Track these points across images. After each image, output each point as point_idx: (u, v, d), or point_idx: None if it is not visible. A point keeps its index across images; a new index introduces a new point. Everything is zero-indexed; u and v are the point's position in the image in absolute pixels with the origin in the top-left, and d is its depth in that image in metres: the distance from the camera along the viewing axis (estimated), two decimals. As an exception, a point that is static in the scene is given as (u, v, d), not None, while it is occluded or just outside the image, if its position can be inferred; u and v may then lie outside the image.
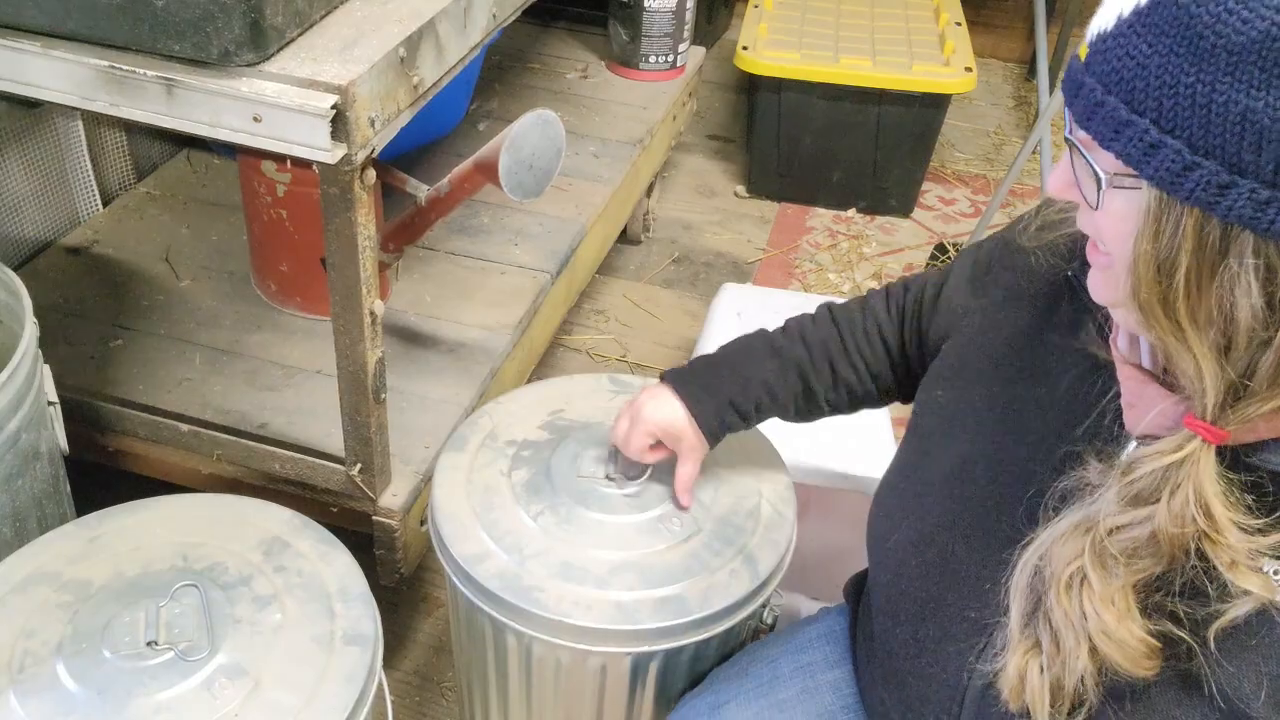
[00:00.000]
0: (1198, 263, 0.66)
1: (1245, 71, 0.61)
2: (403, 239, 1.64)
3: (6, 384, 1.19)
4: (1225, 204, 0.64)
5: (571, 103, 2.50)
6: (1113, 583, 0.72)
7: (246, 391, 1.64)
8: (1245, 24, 0.61)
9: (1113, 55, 0.67)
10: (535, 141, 1.46)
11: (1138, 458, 0.72)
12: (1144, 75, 0.65)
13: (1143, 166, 0.66)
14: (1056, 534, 0.76)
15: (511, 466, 1.27)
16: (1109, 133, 0.67)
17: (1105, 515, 0.72)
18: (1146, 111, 0.65)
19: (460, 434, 1.32)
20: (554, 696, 1.27)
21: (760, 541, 1.21)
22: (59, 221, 1.97)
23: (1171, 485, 0.69)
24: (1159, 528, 0.70)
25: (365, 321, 1.28)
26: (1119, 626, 0.72)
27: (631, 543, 1.19)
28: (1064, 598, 0.74)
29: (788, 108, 2.77)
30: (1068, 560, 0.74)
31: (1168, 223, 0.66)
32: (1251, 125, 0.62)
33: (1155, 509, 0.70)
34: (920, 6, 3.06)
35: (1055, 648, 0.75)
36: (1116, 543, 0.71)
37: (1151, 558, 0.71)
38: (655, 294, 2.61)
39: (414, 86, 1.22)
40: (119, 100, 1.13)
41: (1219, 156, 0.63)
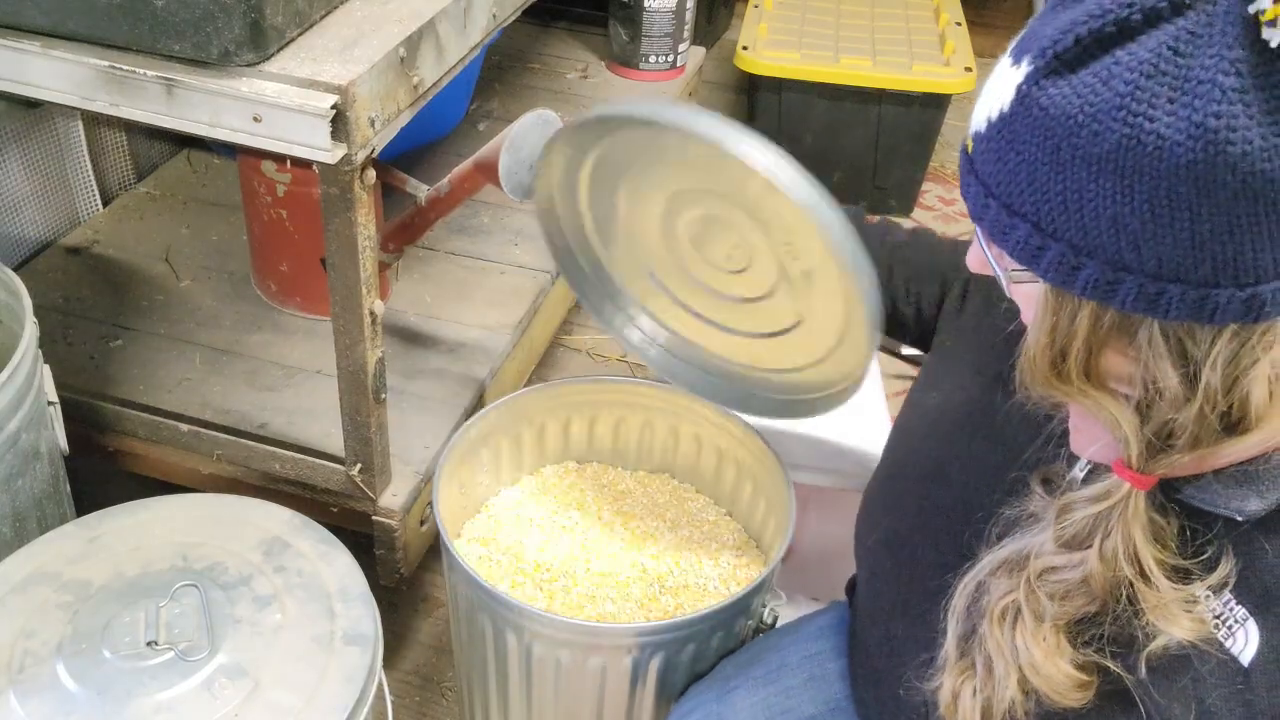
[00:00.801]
0: (1089, 345, 0.68)
1: (1106, 179, 0.62)
2: (403, 239, 1.64)
3: (6, 384, 1.19)
4: (1119, 298, 0.65)
5: (571, 103, 2.50)
6: (1043, 621, 0.74)
7: (246, 391, 1.64)
8: (1097, 136, 0.61)
9: (989, 158, 0.67)
10: (535, 141, 1.46)
11: (1072, 501, 0.73)
12: (1017, 181, 0.66)
13: (1033, 265, 0.67)
14: (995, 562, 0.78)
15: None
16: (998, 233, 0.68)
17: (1039, 555, 0.74)
18: (1026, 215, 0.66)
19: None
20: (554, 696, 1.27)
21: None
22: (59, 221, 1.97)
23: (1103, 531, 0.71)
24: (1091, 572, 0.71)
25: (365, 321, 1.28)
26: (1046, 662, 0.73)
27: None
28: (996, 628, 0.76)
29: (788, 108, 2.77)
30: (1003, 593, 0.75)
31: (1064, 312, 0.68)
32: (1124, 228, 0.63)
33: (1088, 554, 0.71)
34: (920, 6, 3.06)
35: (988, 673, 0.77)
36: (1049, 584, 0.73)
37: (1084, 599, 0.73)
38: (655, 294, 2.61)
39: (414, 86, 1.22)
40: (119, 100, 1.13)
41: (1101, 256, 0.64)
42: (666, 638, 1.21)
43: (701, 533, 1.49)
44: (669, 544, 1.46)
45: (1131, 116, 0.60)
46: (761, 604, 1.32)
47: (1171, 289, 0.64)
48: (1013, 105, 0.65)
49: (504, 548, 1.42)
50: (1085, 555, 0.71)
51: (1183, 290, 0.64)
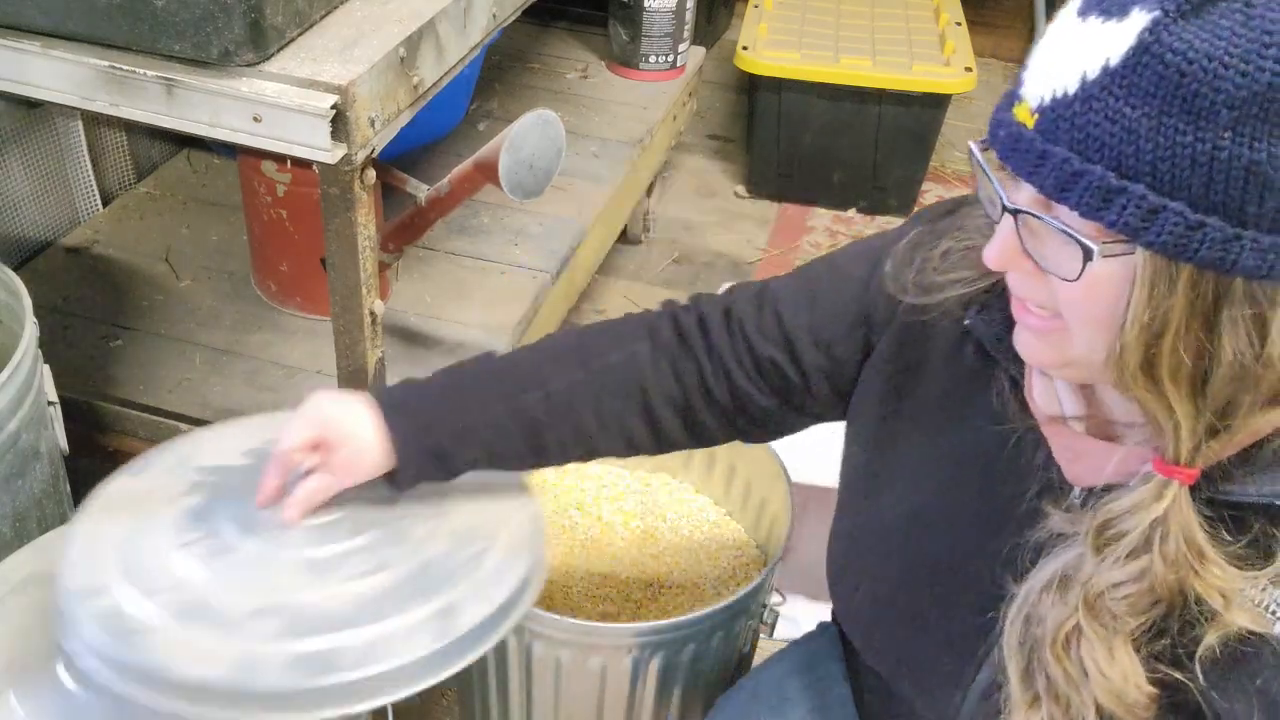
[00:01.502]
0: (1187, 320, 0.65)
1: (1248, 125, 0.60)
2: (403, 239, 1.64)
3: (6, 384, 1.19)
4: (1230, 258, 0.63)
5: (571, 103, 2.50)
6: (1114, 638, 0.72)
7: (246, 391, 1.64)
8: (1244, 77, 0.59)
9: (1086, 120, 0.64)
10: (535, 141, 1.46)
11: (1114, 514, 0.71)
12: (1133, 139, 0.62)
13: (1141, 233, 0.63)
14: (1037, 586, 0.75)
15: (187, 491, 1.02)
16: (1097, 203, 0.64)
17: (1094, 574, 0.71)
18: (1140, 176, 0.63)
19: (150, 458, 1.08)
20: (554, 696, 1.27)
21: (466, 595, 0.92)
22: (59, 221, 1.97)
23: (1160, 534, 0.69)
24: (1156, 578, 0.69)
25: (365, 321, 1.28)
26: (1125, 684, 0.71)
27: (293, 583, 0.93)
28: (1062, 657, 0.73)
29: (788, 108, 2.77)
30: (1060, 620, 0.73)
31: (1161, 286, 0.65)
32: (1256, 177, 0.61)
33: (1149, 560, 0.69)
34: (920, 6, 3.06)
35: (1057, 704, 0.75)
36: (1114, 601, 0.71)
37: (1150, 608, 0.71)
38: (655, 294, 2.61)
39: (414, 86, 1.22)
40: (119, 100, 1.13)
41: (1222, 213, 0.62)
42: (666, 638, 1.21)
43: (701, 533, 1.49)
44: (669, 544, 1.46)
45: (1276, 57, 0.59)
46: (761, 604, 1.32)
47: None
48: (1130, 56, 0.62)
49: (504, 548, 1.42)
50: (1147, 562, 0.69)
51: None
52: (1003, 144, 0.69)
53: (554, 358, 0.98)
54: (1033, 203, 0.68)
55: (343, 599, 0.90)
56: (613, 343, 0.98)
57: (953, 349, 0.88)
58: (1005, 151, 0.68)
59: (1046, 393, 0.80)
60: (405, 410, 0.94)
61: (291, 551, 0.94)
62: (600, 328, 1.01)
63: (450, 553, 0.95)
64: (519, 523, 1.00)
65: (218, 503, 0.99)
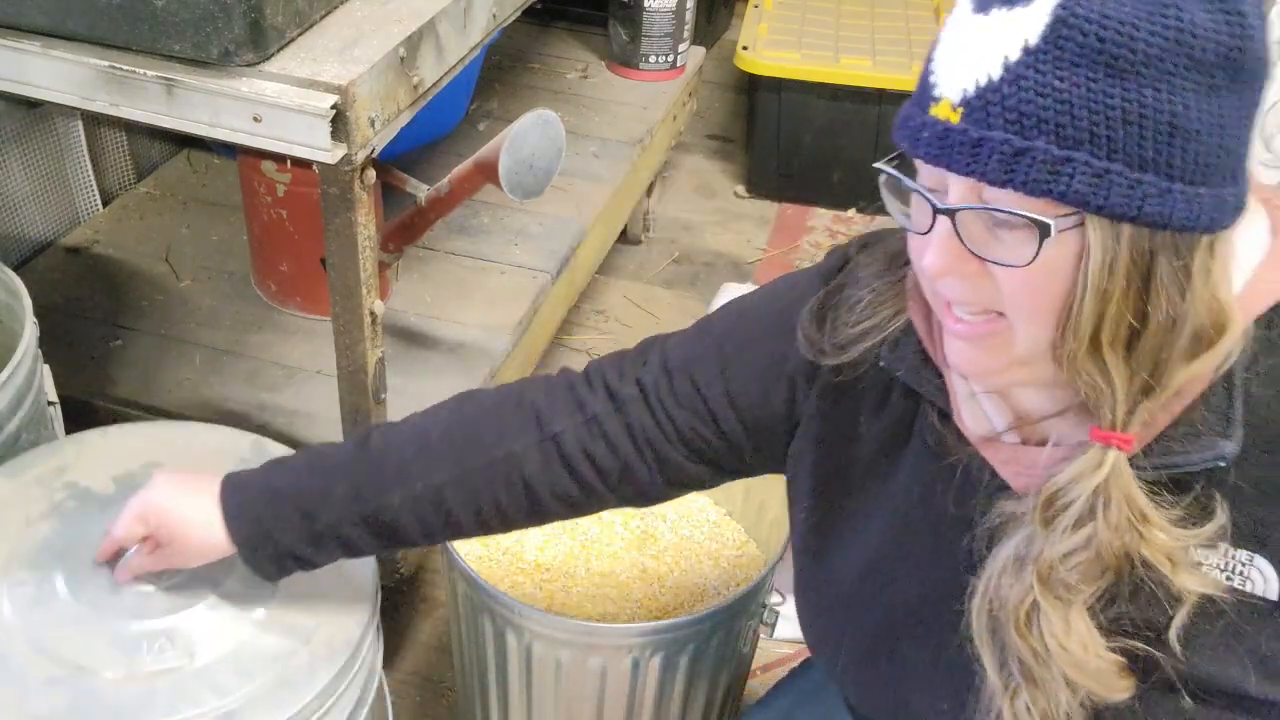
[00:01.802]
0: (1130, 282, 0.67)
1: (1165, 80, 0.63)
2: (403, 239, 1.64)
3: (6, 384, 1.19)
4: (1166, 212, 0.65)
5: (571, 103, 2.50)
6: (1069, 610, 0.72)
7: (246, 391, 1.64)
8: (1154, 35, 0.62)
9: (1018, 100, 0.65)
10: (535, 141, 1.46)
11: (1058, 486, 0.72)
12: (1067, 109, 0.64)
13: (1091, 200, 0.65)
14: (995, 572, 0.76)
15: (45, 513, 1.03)
16: (1044, 177, 0.65)
17: (1044, 547, 0.72)
18: (1081, 144, 0.64)
19: (25, 460, 1.10)
20: (554, 696, 1.27)
21: (256, 698, 0.92)
22: (59, 221, 1.97)
23: (1103, 501, 0.70)
24: (1102, 544, 0.71)
25: (365, 321, 1.28)
26: (1085, 654, 0.72)
27: (95, 655, 0.93)
28: (1025, 634, 0.74)
29: (788, 108, 2.77)
30: (1019, 599, 0.74)
31: (1110, 251, 0.66)
32: (1178, 130, 0.64)
33: (1094, 527, 0.70)
34: (920, 6, 3.06)
35: (1033, 683, 0.75)
36: (1067, 571, 0.72)
37: (1100, 575, 0.72)
38: (655, 294, 2.61)
39: (414, 86, 1.22)
40: (119, 100, 1.13)
41: (1154, 168, 0.64)
42: (666, 638, 1.21)
43: (701, 533, 1.49)
44: (669, 544, 1.46)
45: (1177, 12, 0.62)
46: (761, 604, 1.32)
47: (1204, 194, 0.65)
48: (1048, 32, 0.64)
49: (503, 548, 1.42)
50: (1092, 530, 0.70)
51: (1211, 194, 0.66)
52: (929, 144, 0.69)
53: (423, 451, 0.95)
54: (966, 198, 0.69)
55: (138, 682, 0.92)
56: (495, 436, 0.95)
57: (879, 399, 0.88)
58: (934, 151, 0.68)
59: (975, 414, 0.80)
60: (249, 516, 0.93)
61: (109, 621, 0.96)
62: (482, 411, 0.98)
63: (258, 645, 0.97)
64: (340, 625, 1.00)
65: (62, 539, 1.02)
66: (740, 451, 0.95)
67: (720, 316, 0.97)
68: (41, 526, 1.04)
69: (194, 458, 1.15)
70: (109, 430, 1.16)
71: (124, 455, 1.13)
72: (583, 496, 0.97)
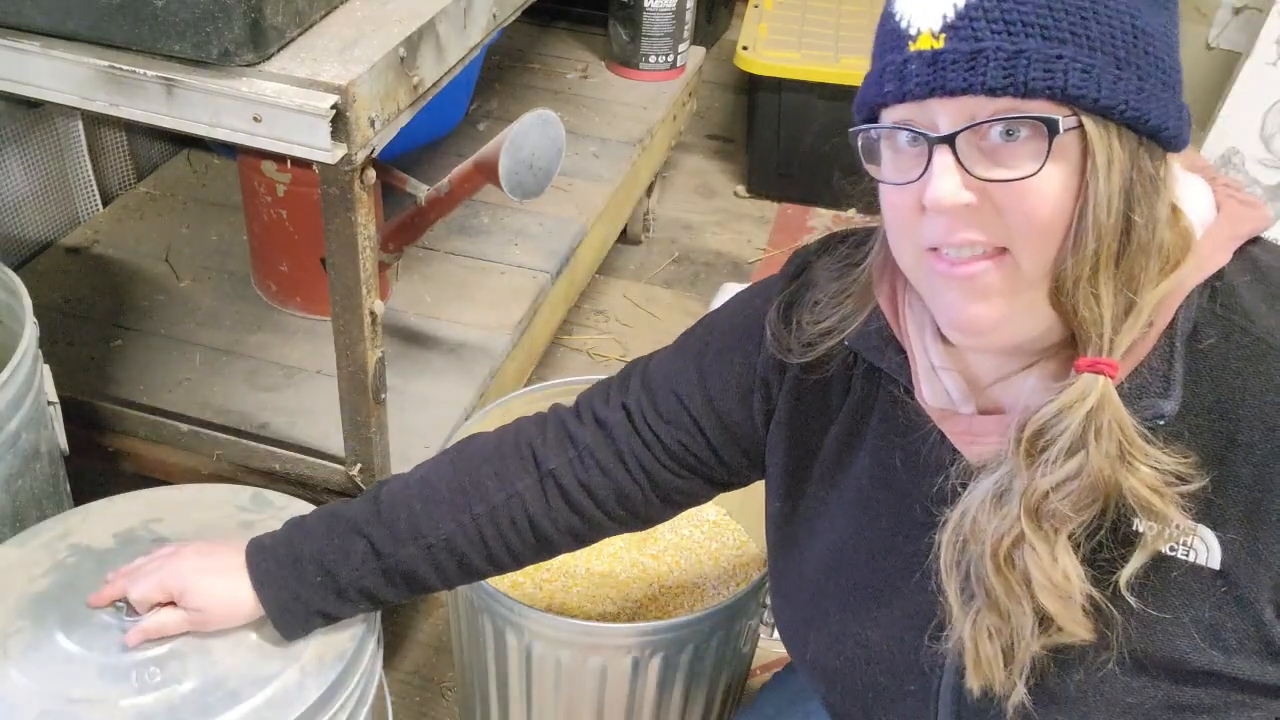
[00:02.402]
0: (1120, 188, 0.69)
1: None
2: (403, 239, 1.64)
3: (6, 384, 1.19)
4: (1145, 114, 0.68)
5: (571, 103, 2.50)
6: (1056, 540, 0.73)
7: (246, 391, 1.64)
8: None
9: (1001, 8, 0.67)
10: (535, 141, 1.46)
11: (1043, 421, 0.72)
12: (1047, 10, 0.67)
13: (1085, 94, 0.67)
14: (972, 507, 0.76)
15: (45, 571, 1.06)
16: (1041, 74, 0.67)
17: (1032, 481, 0.73)
18: (1066, 41, 0.67)
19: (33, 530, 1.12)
20: (554, 696, 1.27)
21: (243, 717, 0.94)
22: (59, 221, 1.97)
23: (1094, 428, 0.71)
24: (1093, 471, 0.71)
25: (365, 321, 1.28)
26: (1069, 584, 0.73)
27: (86, 687, 0.95)
28: (1004, 568, 0.75)
29: (788, 108, 2.77)
30: (1001, 533, 0.74)
31: (1107, 152, 0.68)
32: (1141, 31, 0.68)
33: (1085, 455, 0.71)
34: (920, 6, 3.06)
35: (999, 617, 0.76)
36: (1059, 501, 0.72)
37: (1091, 504, 0.73)
38: (655, 294, 2.61)
39: (414, 86, 1.22)
40: (119, 100, 1.13)
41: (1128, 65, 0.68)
42: (666, 638, 1.21)
43: (701, 533, 1.49)
44: (669, 544, 1.46)
45: None
46: (761, 604, 1.32)
47: (1167, 100, 0.69)
48: None
49: (504, 548, 1.42)
50: (1084, 458, 0.71)
51: (1173, 103, 0.70)
52: (918, 76, 0.69)
53: (431, 504, 0.99)
54: (960, 124, 0.69)
55: (127, 711, 0.93)
56: (496, 481, 1.00)
57: (843, 389, 0.90)
58: (925, 78, 0.69)
59: (935, 388, 0.82)
60: (277, 582, 0.97)
61: (98, 655, 0.97)
62: (482, 457, 1.02)
63: (248, 667, 0.97)
64: (333, 640, 1.01)
65: (58, 588, 1.04)
66: (727, 460, 0.99)
67: (697, 331, 1.01)
68: (41, 582, 1.05)
69: (195, 512, 1.15)
70: (115, 499, 1.18)
71: (126, 516, 1.14)
72: (585, 528, 1.02)
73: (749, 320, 0.96)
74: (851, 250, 0.89)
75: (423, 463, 1.05)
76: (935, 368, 0.82)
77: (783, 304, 0.92)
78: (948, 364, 0.81)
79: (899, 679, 0.88)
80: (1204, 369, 0.74)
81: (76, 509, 1.17)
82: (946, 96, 0.68)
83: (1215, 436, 0.74)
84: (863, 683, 0.91)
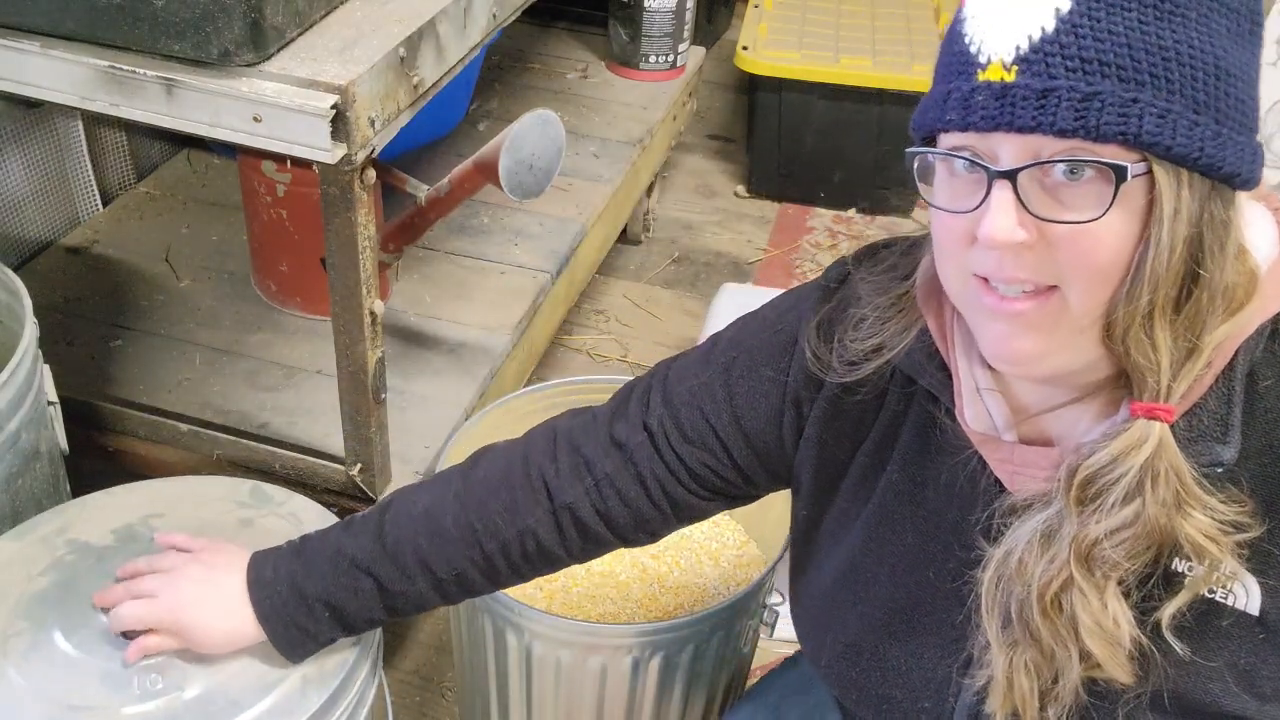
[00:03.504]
0: (1188, 235, 0.66)
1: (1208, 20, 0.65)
2: (403, 239, 1.64)
3: (6, 384, 1.19)
4: (1219, 159, 0.65)
5: (571, 103, 2.50)
6: (1105, 589, 0.72)
7: (246, 391, 1.64)
8: None
9: (1077, 48, 0.64)
10: (535, 141, 1.46)
11: (1096, 467, 0.70)
12: (1126, 50, 0.64)
13: (1159, 141, 0.64)
14: (1017, 548, 0.74)
15: (45, 569, 1.06)
16: (1115, 119, 0.64)
17: (1083, 527, 0.71)
18: (1143, 85, 0.64)
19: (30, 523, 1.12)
20: (554, 696, 1.27)
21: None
22: (59, 221, 1.97)
23: (1150, 476, 0.69)
24: (1149, 520, 0.69)
25: (365, 321, 1.28)
26: (1119, 630, 0.71)
27: (87, 693, 0.95)
28: (1050, 613, 0.73)
29: (788, 108, 2.77)
30: (1049, 577, 0.72)
31: (1175, 198, 0.66)
32: (1222, 72, 0.65)
33: (1141, 502, 0.69)
34: (920, 6, 3.06)
35: (1040, 655, 0.75)
36: (1111, 548, 0.70)
37: (1145, 551, 0.71)
38: (655, 294, 2.61)
39: (414, 86, 1.22)
40: (119, 100, 1.13)
41: (1205, 110, 0.65)
42: (666, 638, 1.21)
43: (701, 533, 1.49)
44: (669, 544, 1.46)
45: None
46: (761, 604, 1.32)
47: (1243, 141, 0.67)
48: None
49: (504, 548, 1.42)
50: (1140, 506, 0.69)
51: (1249, 143, 0.67)
52: (985, 108, 0.67)
53: (438, 540, 0.97)
54: (1023, 160, 0.67)
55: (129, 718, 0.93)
56: (507, 515, 0.97)
57: (877, 402, 0.88)
58: (992, 112, 0.66)
59: (978, 412, 0.80)
60: (284, 620, 0.97)
61: (100, 661, 0.97)
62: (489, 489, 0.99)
63: (250, 674, 0.98)
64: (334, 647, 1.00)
65: (58, 589, 1.03)
66: (752, 478, 0.96)
67: (723, 343, 0.97)
68: (40, 580, 1.05)
69: (194, 508, 1.15)
70: (114, 490, 1.17)
71: (124, 510, 1.14)
72: (597, 549, 1.00)
73: (782, 336, 0.92)
74: (898, 260, 0.86)
75: (425, 485, 1.02)
76: (980, 390, 0.79)
77: (822, 320, 0.88)
78: (994, 386, 0.79)
79: (914, 695, 0.87)
80: (1259, 411, 0.72)
81: (74, 501, 1.16)
82: (1015, 133, 0.66)
83: (1267, 482, 0.72)
84: (877, 694, 0.90)
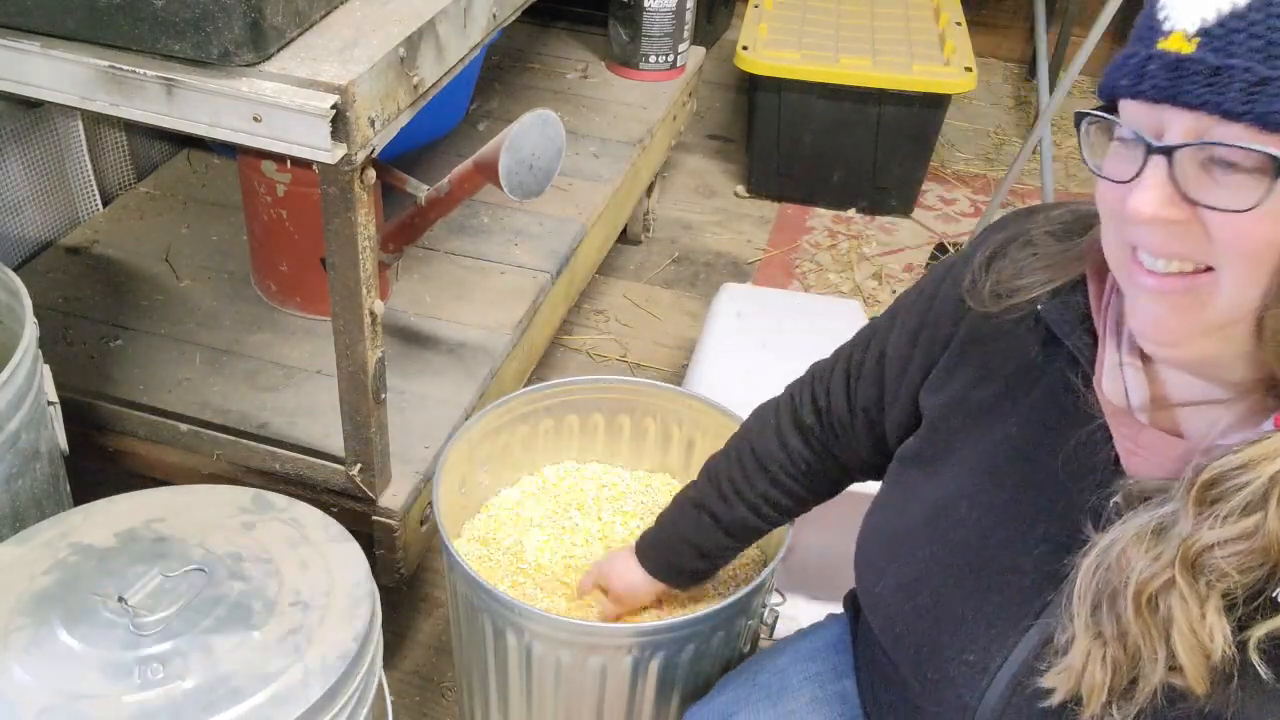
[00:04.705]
0: None
1: None
2: (403, 239, 1.64)
3: (6, 384, 1.19)
4: None
5: (571, 103, 2.50)
6: (1207, 600, 0.69)
7: (246, 391, 1.64)
8: None
9: (1267, 26, 0.62)
10: (535, 141, 1.46)
11: (1223, 470, 0.68)
12: None
13: None
14: (1124, 539, 0.72)
15: (46, 570, 1.07)
16: None
17: (1196, 531, 0.69)
18: None
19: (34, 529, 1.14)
20: (554, 696, 1.27)
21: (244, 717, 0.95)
22: (59, 221, 1.97)
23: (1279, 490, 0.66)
24: (1270, 535, 0.67)
25: (365, 321, 1.28)
26: (1213, 644, 0.69)
27: (88, 683, 0.95)
28: (1144, 610, 0.71)
29: (788, 108, 2.77)
30: (1150, 575, 0.70)
31: None
32: None
33: (1264, 515, 0.67)
34: (920, 6, 3.06)
35: (1124, 653, 0.73)
36: (1222, 559, 0.68)
37: (1257, 567, 0.68)
38: (655, 294, 2.61)
39: (414, 86, 1.22)
40: (119, 100, 1.13)
41: None
42: (666, 638, 1.21)
43: (701, 533, 1.49)
44: (669, 544, 1.46)
45: None
46: (761, 604, 1.32)
47: None
48: None
49: (504, 548, 1.42)
50: (1261, 519, 0.66)
51: None
52: (1155, 78, 0.65)
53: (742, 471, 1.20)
54: (1188, 137, 0.65)
55: (131, 707, 0.94)
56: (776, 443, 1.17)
57: (1013, 348, 0.88)
58: (1163, 84, 0.65)
59: (1115, 385, 0.78)
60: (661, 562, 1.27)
61: (101, 652, 0.98)
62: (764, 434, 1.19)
63: (253, 665, 0.98)
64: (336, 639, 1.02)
65: (61, 587, 1.04)
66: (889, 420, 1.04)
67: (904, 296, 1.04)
68: (43, 580, 1.06)
69: (197, 514, 1.15)
70: (115, 499, 1.18)
71: (127, 516, 1.14)
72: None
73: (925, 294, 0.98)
74: (1073, 220, 0.86)
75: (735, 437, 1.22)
76: (1123, 363, 0.78)
77: (991, 251, 0.89)
78: (1139, 364, 0.77)
79: (961, 646, 0.86)
80: None
81: (76, 509, 1.17)
82: (1182, 108, 0.64)
83: None
84: (922, 636, 0.89)
